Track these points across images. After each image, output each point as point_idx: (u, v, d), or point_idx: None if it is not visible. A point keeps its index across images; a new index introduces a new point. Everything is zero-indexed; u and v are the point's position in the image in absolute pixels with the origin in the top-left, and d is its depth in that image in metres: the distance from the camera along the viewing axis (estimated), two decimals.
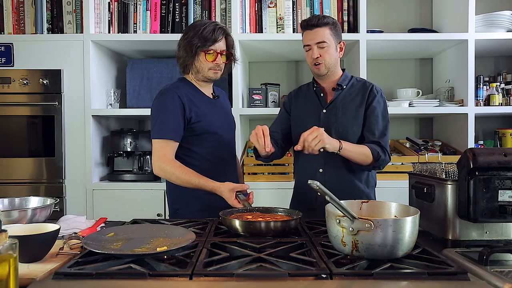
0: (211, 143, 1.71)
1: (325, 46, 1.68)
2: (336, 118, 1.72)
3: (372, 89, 1.74)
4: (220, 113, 1.79)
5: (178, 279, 0.88)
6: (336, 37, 1.71)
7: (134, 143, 2.60)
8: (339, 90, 1.75)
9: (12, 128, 2.50)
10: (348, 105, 1.73)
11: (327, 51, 1.68)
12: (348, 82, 1.78)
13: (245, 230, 1.21)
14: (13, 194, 2.36)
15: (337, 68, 1.76)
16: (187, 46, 1.65)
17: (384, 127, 1.71)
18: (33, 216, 1.33)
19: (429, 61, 3.11)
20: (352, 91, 1.75)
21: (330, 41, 1.68)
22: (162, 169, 1.61)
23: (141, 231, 1.19)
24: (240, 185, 1.51)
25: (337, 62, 1.74)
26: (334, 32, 1.70)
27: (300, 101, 1.84)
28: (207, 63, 1.66)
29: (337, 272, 0.89)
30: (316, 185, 0.98)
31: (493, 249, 1.02)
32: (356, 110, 1.72)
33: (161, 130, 1.62)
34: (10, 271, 0.75)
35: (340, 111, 1.73)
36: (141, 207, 2.45)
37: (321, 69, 1.71)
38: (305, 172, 1.79)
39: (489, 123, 3.01)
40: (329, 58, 1.69)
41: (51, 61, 2.49)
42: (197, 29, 1.64)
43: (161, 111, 1.64)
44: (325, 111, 1.75)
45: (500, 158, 1.12)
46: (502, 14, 2.54)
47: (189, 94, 1.68)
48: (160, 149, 1.62)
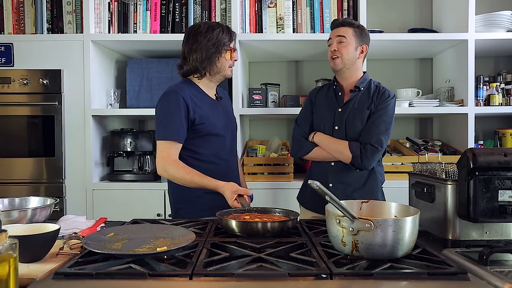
0: (214, 145, 1.74)
1: (344, 41, 1.79)
2: (349, 118, 1.81)
3: (384, 93, 1.82)
4: (223, 114, 1.81)
5: (178, 279, 0.88)
6: (358, 38, 1.81)
7: (134, 143, 2.60)
8: (356, 91, 1.84)
9: (12, 128, 2.50)
10: (361, 107, 1.81)
11: (345, 47, 1.79)
12: (366, 85, 1.86)
13: (241, 231, 1.21)
14: (13, 194, 2.36)
15: (355, 68, 1.85)
16: (211, 48, 1.68)
17: (382, 132, 1.76)
18: (33, 216, 1.33)
19: (429, 61, 3.11)
20: (367, 94, 1.83)
21: (351, 39, 1.80)
22: (165, 170, 1.63)
23: (141, 231, 1.19)
24: (244, 190, 1.53)
25: (355, 61, 1.83)
26: (358, 34, 1.81)
27: (321, 98, 1.94)
28: (228, 61, 1.73)
29: (337, 272, 0.89)
30: (316, 185, 0.98)
31: (493, 249, 1.02)
32: (366, 113, 1.80)
33: (165, 132, 1.65)
34: (10, 271, 0.75)
35: (353, 112, 1.81)
36: (141, 207, 2.45)
37: (337, 63, 1.81)
38: (318, 165, 1.91)
39: (489, 123, 3.01)
40: (347, 53, 1.80)
41: (51, 61, 2.49)
42: (216, 32, 1.69)
43: (165, 112, 1.66)
44: (340, 110, 1.84)
45: (500, 158, 1.12)
46: (502, 14, 2.54)
47: (193, 95, 1.70)
48: (164, 150, 1.65)
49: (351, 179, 1.81)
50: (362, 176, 1.82)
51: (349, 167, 1.80)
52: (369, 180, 1.83)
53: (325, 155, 1.83)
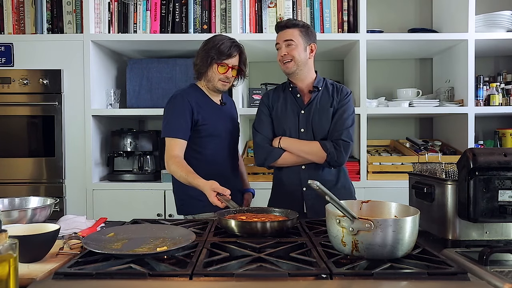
0: (215, 146, 1.84)
1: (293, 44, 1.77)
2: (314, 119, 1.80)
3: (342, 90, 1.84)
4: (226, 118, 1.91)
5: (178, 279, 0.88)
6: (305, 38, 1.79)
7: (134, 143, 2.60)
8: (316, 92, 1.83)
9: (12, 128, 2.50)
10: (324, 106, 1.81)
11: (295, 49, 1.77)
12: (322, 84, 1.85)
13: (241, 231, 1.21)
14: (13, 194, 2.36)
15: (307, 68, 1.83)
16: (204, 56, 1.79)
17: (349, 126, 1.78)
18: (33, 216, 1.33)
19: (429, 61, 3.11)
20: (326, 93, 1.83)
21: (298, 40, 1.77)
22: (167, 164, 1.74)
23: (141, 231, 1.19)
24: (222, 188, 1.52)
25: (306, 62, 1.81)
26: (304, 34, 1.79)
27: (279, 101, 1.88)
28: (218, 74, 1.80)
29: (337, 272, 0.89)
30: (317, 185, 0.98)
31: (493, 249, 1.02)
32: (330, 111, 1.80)
33: (169, 129, 1.77)
34: (10, 271, 0.76)
35: (317, 112, 1.81)
36: (141, 207, 2.45)
37: (290, 67, 1.80)
38: (288, 170, 1.85)
39: (489, 123, 3.01)
40: (298, 55, 1.78)
41: (51, 61, 2.49)
42: (216, 43, 1.78)
43: (171, 112, 1.79)
44: (303, 112, 1.82)
45: (500, 158, 1.12)
46: (502, 14, 2.54)
47: (197, 99, 1.82)
48: (168, 146, 1.75)
49: (324, 179, 1.78)
50: (332, 174, 1.81)
51: (319, 167, 1.78)
52: (340, 177, 1.83)
53: (295, 159, 1.78)
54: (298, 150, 1.77)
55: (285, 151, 1.79)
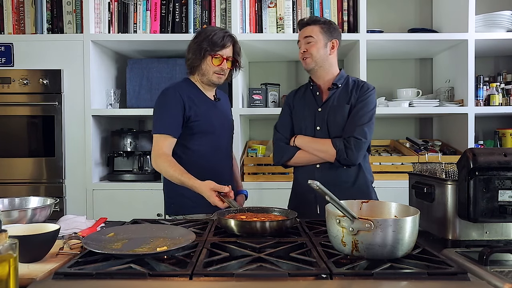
0: (208, 142, 1.76)
1: (312, 41, 1.75)
2: (330, 116, 1.76)
3: (363, 86, 1.78)
4: (220, 114, 1.84)
5: (178, 279, 0.88)
6: (326, 34, 1.76)
7: (134, 143, 2.60)
8: (334, 89, 1.80)
9: (12, 128, 2.50)
10: (340, 103, 1.77)
11: (314, 46, 1.75)
12: (343, 81, 1.81)
13: (241, 230, 1.21)
14: (13, 194, 2.36)
15: (327, 65, 1.80)
16: (196, 49, 1.72)
17: (365, 123, 1.71)
18: (33, 216, 1.33)
19: (429, 61, 3.11)
20: (345, 90, 1.79)
21: (318, 36, 1.75)
22: (155, 162, 1.67)
23: (141, 231, 1.19)
24: (220, 186, 1.49)
25: (326, 58, 1.78)
26: (325, 30, 1.76)
27: (299, 100, 1.88)
28: (213, 66, 1.73)
29: (337, 272, 0.89)
30: (316, 185, 0.98)
31: (493, 249, 1.02)
32: (346, 108, 1.75)
33: (159, 126, 1.70)
34: (10, 271, 0.75)
35: (333, 110, 1.76)
36: (141, 207, 2.45)
37: (308, 63, 1.78)
38: (303, 169, 1.83)
39: (489, 123, 3.01)
40: (316, 52, 1.75)
41: (51, 61, 2.49)
42: (208, 34, 1.71)
43: (162, 108, 1.71)
44: (320, 110, 1.79)
45: (500, 158, 1.12)
46: (502, 14, 2.54)
47: (190, 93, 1.75)
48: (156, 143, 1.69)
49: (339, 180, 1.74)
50: (350, 175, 1.75)
51: (335, 166, 1.73)
52: (358, 179, 1.76)
53: (309, 157, 1.76)
54: (310, 147, 1.75)
55: (299, 149, 1.78)
